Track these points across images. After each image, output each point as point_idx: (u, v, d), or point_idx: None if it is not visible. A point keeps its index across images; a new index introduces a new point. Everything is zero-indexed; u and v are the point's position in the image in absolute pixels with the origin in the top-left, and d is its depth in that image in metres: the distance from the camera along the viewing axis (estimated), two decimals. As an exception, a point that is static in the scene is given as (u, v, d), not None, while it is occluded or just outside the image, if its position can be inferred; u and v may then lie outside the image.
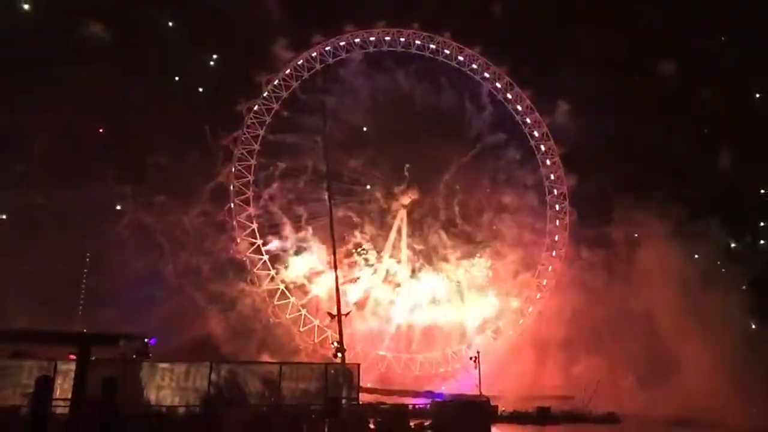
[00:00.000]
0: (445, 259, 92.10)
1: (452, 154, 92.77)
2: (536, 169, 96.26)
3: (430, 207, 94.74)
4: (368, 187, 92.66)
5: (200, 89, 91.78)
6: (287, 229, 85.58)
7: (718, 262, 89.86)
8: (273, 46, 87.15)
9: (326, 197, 75.99)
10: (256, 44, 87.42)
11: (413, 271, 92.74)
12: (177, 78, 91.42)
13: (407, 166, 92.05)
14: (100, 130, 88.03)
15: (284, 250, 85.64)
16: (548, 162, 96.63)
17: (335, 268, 65.26)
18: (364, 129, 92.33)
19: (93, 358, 35.69)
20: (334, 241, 67.13)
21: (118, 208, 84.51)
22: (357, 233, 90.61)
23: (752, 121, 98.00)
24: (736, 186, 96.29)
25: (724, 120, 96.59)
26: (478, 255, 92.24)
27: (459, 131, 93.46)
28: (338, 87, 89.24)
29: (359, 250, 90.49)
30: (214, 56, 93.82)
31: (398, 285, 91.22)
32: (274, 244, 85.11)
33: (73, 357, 36.77)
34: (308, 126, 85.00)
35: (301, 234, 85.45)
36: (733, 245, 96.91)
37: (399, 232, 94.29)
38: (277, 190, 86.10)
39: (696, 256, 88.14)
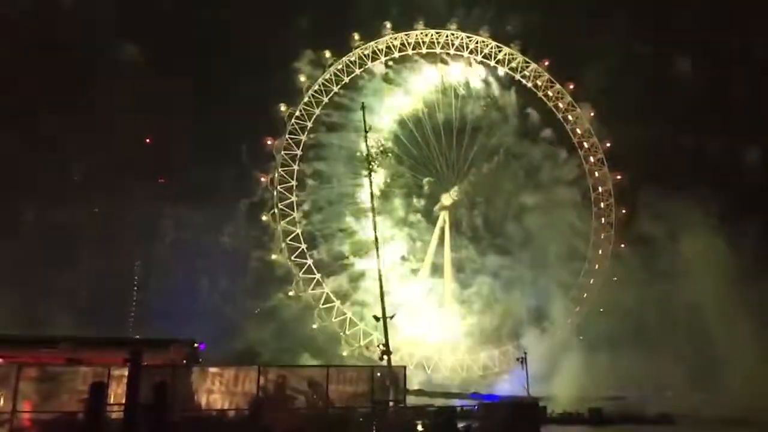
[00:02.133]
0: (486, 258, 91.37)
1: (491, 153, 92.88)
2: (578, 166, 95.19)
3: (471, 205, 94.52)
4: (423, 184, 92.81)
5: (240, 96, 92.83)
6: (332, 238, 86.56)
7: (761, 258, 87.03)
8: (313, 52, 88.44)
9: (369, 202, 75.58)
10: (295, 52, 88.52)
11: (457, 272, 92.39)
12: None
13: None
14: (147, 141, 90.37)
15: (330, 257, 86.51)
16: (592, 159, 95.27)
17: (380, 271, 65.21)
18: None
19: (145, 363, 36.42)
20: (377, 245, 67.15)
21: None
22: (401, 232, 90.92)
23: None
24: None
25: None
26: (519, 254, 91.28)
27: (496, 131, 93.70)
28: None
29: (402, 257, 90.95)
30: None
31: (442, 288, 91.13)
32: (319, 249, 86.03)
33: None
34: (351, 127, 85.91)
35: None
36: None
37: (442, 232, 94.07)
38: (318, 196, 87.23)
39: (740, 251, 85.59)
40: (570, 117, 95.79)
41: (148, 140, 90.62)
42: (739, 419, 65.74)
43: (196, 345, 55.78)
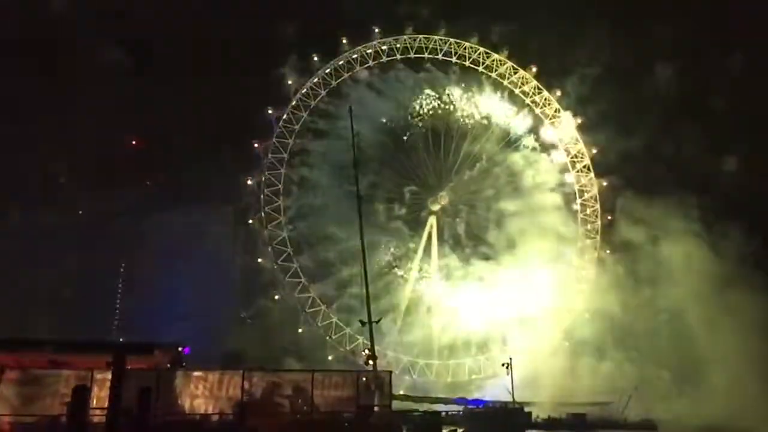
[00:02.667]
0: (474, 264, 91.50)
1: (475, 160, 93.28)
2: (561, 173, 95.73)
3: (455, 212, 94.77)
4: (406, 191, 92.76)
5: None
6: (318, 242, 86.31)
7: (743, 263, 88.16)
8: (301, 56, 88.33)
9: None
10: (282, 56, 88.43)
11: (445, 278, 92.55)
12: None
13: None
14: (133, 142, 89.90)
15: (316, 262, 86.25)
16: (578, 165, 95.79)
17: (365, 275, 65.20)
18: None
19: (128, 367, 36.19)
20: (364, 250, 67.14)
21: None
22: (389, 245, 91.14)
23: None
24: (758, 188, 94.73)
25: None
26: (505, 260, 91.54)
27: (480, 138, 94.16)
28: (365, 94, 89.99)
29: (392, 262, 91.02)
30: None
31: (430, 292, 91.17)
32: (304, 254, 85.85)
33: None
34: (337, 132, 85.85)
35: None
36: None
37: (429, 237, 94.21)
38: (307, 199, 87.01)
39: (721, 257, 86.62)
40: (556, 123, 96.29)
41: (134, 142, 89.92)
42: (721, 426, 66.41)
43: (180, 349, 55.38)
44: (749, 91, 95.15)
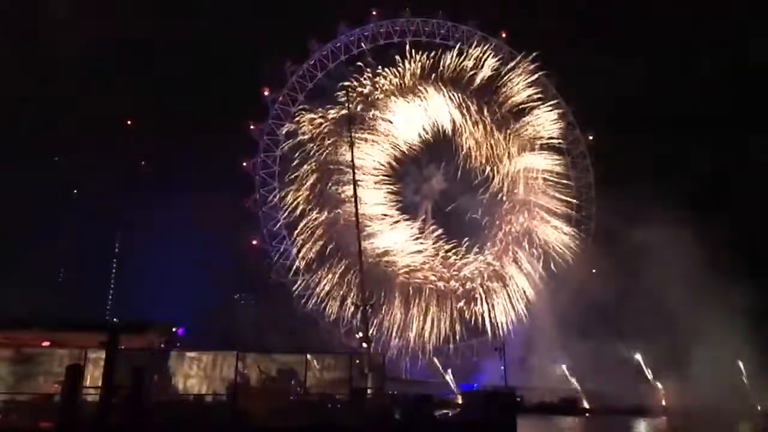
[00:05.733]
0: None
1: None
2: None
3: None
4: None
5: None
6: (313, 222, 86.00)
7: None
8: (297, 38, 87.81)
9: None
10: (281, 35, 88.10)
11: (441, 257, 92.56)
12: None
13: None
14: (128, 122, 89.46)
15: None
16: (574, 152, 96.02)
17: (360, 257, 65.25)
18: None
19: (122, 347, 36.23)
20: (359, 229, 67.11)
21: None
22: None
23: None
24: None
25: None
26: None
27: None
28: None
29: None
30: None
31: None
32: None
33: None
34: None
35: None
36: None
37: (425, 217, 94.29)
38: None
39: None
40: (552, 107, 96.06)
41: (129, 122, 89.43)
42: (709, 409, 67.00)
43: (174, 329, 55.52)
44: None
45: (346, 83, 79.81)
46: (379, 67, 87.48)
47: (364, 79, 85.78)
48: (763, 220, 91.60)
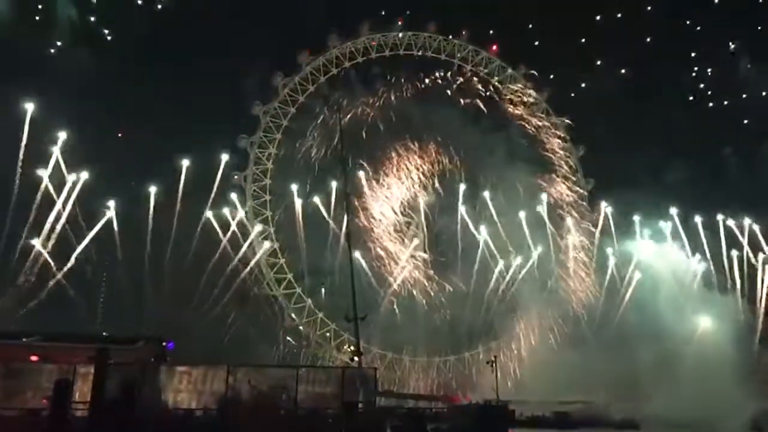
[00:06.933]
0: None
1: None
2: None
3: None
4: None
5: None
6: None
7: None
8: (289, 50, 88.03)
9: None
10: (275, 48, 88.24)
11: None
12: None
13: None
14: (119, 135, 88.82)
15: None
16: (564, 166, 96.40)
17: (351, 269, 65.20)
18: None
19: (112, 361, 35.96)
20: (350, 243, 67.18)
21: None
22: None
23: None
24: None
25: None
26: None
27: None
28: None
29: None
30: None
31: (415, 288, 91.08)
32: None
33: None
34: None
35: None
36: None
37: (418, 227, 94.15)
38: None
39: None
40: (545, 122, 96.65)
41: (120, 134, 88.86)
42: (700, 422, 66.75)
43: (164, 343, 55.23)
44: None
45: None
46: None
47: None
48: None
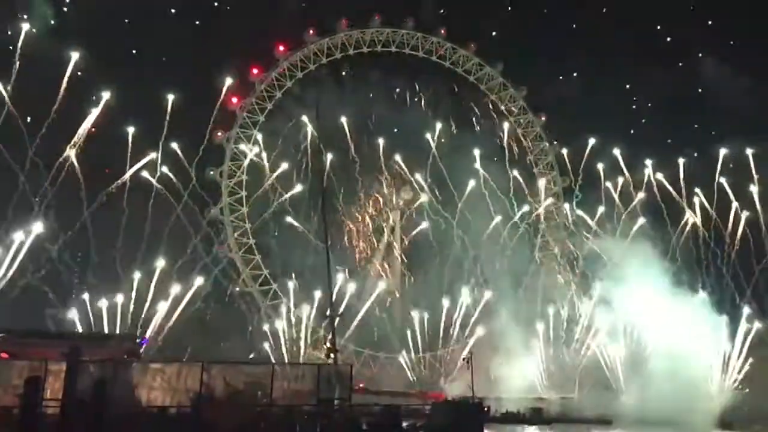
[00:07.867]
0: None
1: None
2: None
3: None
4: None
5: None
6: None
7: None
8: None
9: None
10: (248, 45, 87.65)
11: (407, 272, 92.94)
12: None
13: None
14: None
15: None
16: (540, 164, 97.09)
17: (328, 267, 65.07)
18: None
19: (84, 358, 35.50)
20: (327, 239, 67.08)
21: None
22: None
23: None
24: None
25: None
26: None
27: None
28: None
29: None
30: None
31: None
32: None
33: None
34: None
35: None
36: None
37: (392, 232, 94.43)
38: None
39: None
40: (522, 121, 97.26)
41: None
42: (670, 420, 67.79)
43: (137, 340, 54.73)
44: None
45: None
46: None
47: None
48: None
